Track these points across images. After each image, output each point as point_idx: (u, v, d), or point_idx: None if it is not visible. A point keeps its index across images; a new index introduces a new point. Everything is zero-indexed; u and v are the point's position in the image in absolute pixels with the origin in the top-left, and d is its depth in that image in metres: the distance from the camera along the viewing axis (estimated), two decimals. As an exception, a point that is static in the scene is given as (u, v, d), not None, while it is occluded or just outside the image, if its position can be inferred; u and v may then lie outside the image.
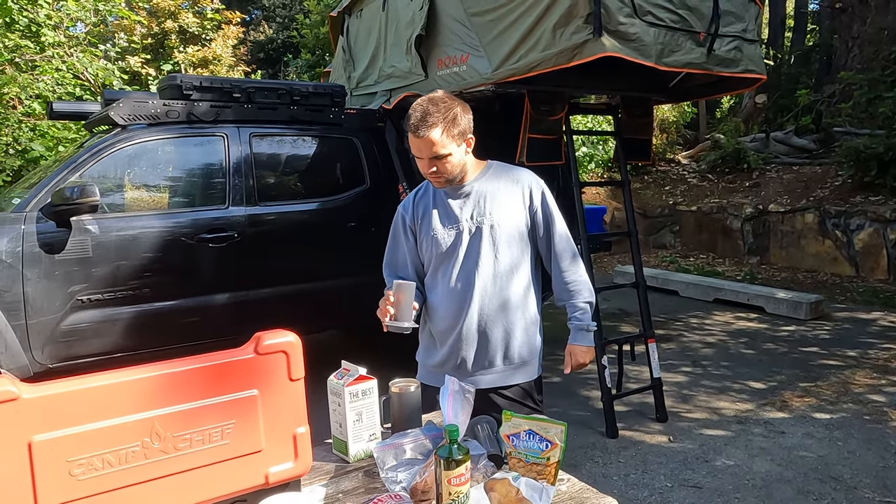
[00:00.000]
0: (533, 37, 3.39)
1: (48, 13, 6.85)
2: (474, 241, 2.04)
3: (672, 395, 4.45)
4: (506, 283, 2.06)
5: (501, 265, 2.05)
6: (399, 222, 2.18)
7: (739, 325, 6.29)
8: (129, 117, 3.76)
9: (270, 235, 4.04)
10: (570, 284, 2.14)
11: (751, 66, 3.55)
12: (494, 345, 2.08)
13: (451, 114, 1.93)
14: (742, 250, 9.22)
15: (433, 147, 1.91)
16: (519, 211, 2.07)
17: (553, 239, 2.12)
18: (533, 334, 2.14)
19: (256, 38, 16.51)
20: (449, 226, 2.06)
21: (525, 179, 2.11)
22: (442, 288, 2.09)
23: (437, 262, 2.08)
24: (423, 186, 2.18)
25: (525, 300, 2.11)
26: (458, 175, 2.01)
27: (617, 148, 4.24)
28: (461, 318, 2.06)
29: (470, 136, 2.00)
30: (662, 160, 11.59)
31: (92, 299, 3.52)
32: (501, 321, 2.07)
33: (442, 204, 2.08)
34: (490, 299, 2.05)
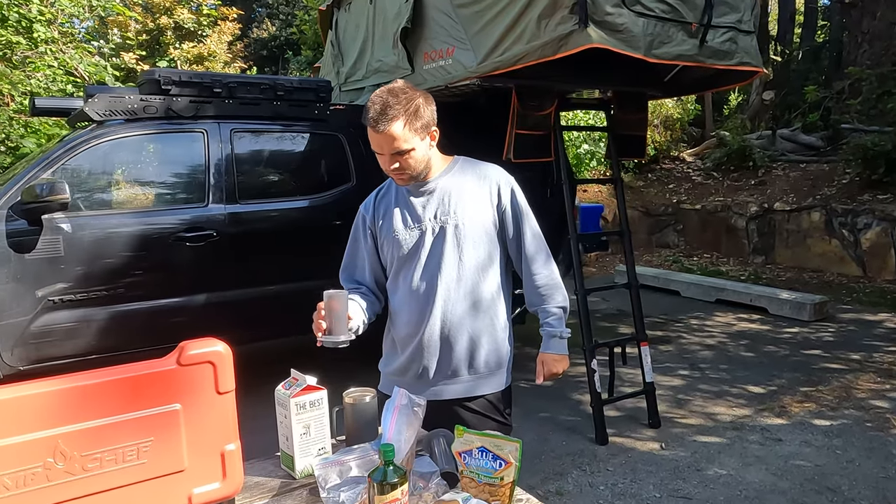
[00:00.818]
0: (518, 28, 3.26)
1: (40, 9, 6.77)
2: (438, 241, 1.92)
3: (666, 400, 4.31)
4: (471, 287, 1.94)
5: (466, 267, 1.93)
6: (359, 223, 2.05)
7: (741, 326, 6.13)
8: (105, 113, 3.66)
9: (251, 234, 3.93)
10: (541, 288, 2.01)
11: (746, 58, 3.40)
12: (459, 353, 1.95)
13: (412, 105, 1.78)
14: (747, 250, 9.04)
15: (394, 142, 1.78)
16: (486, 209, 1.94)
17: (523, 239, 1.99)
18: (502, 342, 2.01)
19: (259, 35, 16.44)
20: (411, 226, 1.93)
21: (493, 176, 1.98)
22: (403, 292, 1.97)
23: (399, 264, 1.96)
24: (385, 185, 2.05)
25: (493, 305, 1.98)
26: (422, 171, 1.88)
27: (609, 144, 4.10)
28: (423, 323, 1.93)
29: (434, 128, 1.87)
30: (666, 158, 11.42)
31: (64, 300, 3.42)
32: (466, 327, 1.94)
33: (404, 202, 1.96)
34: (454, 304, 1.93)
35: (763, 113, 12.02)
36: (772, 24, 15.86)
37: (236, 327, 3.92)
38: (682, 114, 11.72)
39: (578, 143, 9.76)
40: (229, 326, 3.88)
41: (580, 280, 3.79)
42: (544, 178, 4.93)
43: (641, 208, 10.16)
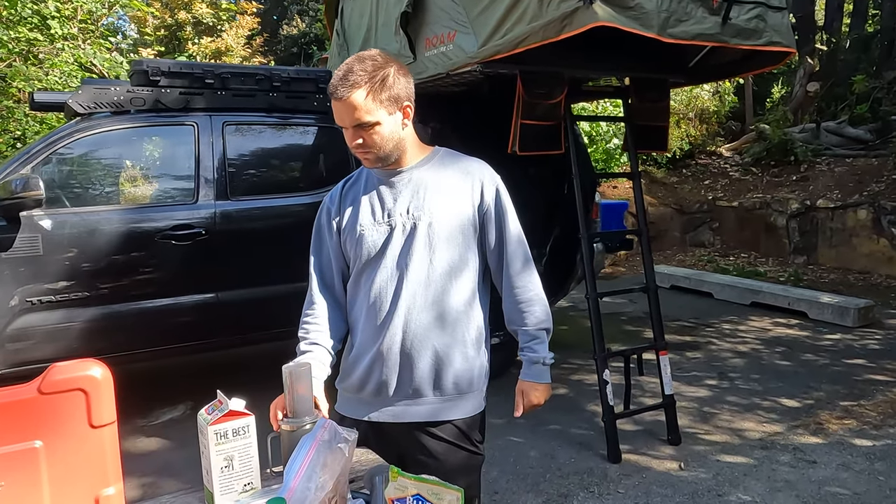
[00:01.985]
0: (519, 7, 2.97)
1: (57, 6, 6.73)
2: (408, 240, 1.66)
3: (690, 413, 3.97)
4: (440, 294, 1.68)
5: (437, 271, 1.67)
6: (322, 217, 1.79)
7: (777, 332, 5.72)
8: (90, 105, 3.50)
9: (243, 233, 3.74)
10: (522, 304, 1.75)
11: (776, 37, 3.04)
12: (422, 370, 1.69)
13: (380, 73, 1.56)
14: (787, 249, 8.53)
15: (355, 112, 1.54)
16: (465, 207, 1.69)
17: (505, 245, 1.73)
18: (474, 360, 1.74)
19: (290, 32, 16.38)
20: (379, 220, 1.68)
21: (476, 171, 1.73)
22: (363, 295, 1.71)
23: (363, 264, 1.70)
24: (356, 173, 1.80)
25: (465, 317, 1.72)
26: (391, 152, 1.63)
27: (627, 136, 3.78)
28: (381, 333, 1.68)
29: (408, 104, 1.63)
30: (702, 153, 10.92)
31: (43, 301, 3.27)
32: (432, 341, 1.68)
33: (374, 193, 1.70)
34: (419, 313, 1.67)
35: (807, 105, 11.41)
36: (818, 14, 15.12)
37: (226, 329, 3.74)
38: (720, 106, 11.20)
39: (608, 137, 9.36)
40: (218, 328, 3.71)
41: (592, 282, 3.49)
42: (562, 172, 4.62)
43: (675, 205, 9.72)
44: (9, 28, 6.48)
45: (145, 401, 4.10)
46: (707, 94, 10.92)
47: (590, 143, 9.27)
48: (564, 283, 4.75)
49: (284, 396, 1.49)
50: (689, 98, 10.71)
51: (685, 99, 10.69)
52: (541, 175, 4.41)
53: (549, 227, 4.57)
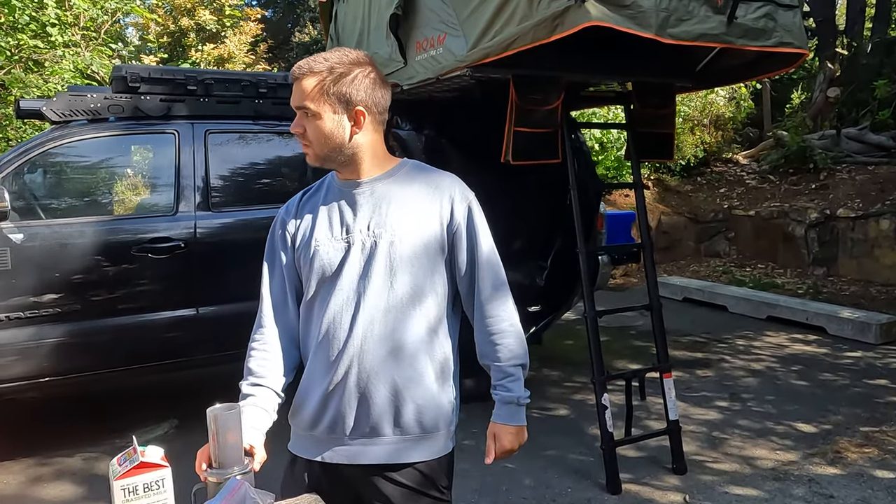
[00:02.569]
0: (509, 7, 2.79)
1: (57, 13, 6.66)
2: (367, 260, 1.48)
3: (698, 438, 3.73)
4: (401, 322, 1.49)
5: (398, 295, 1.48)
6: (277, 229, 1.62)
7: (794, 348, 5.44)
8: (65, 113, 3.36)
9: (225, 246, 3.58)
10: (494, 336, 1.56)
11: (787, 37, 2.82)
12: (380, 406, 1.49)
13: (343, 69, 1.45)
14: (806, 260, 8.22)
15: (300, 95, 1.44)
16: (432, 225, 1.51)
17: (477, 270, 1.55)
18: (438, 394, 1.54)
19: (301, 39, 16.36)
20: (337, 236, 1.50)
21: (446, 186, 1.55)
22: (316, 320, 1.52)
23: (317, 285, 1.52)
24: (317, 184, 1.63)
25: (430, 347, 1.53)
26: (330, 154, 1.48)
27: (629, 144, 3.57)
28: (335, 364, 1.49)
29: (361, 110, 1.47)
30: (717, 160, 10.62)
31: (11, 317, 3.13)
32: (390, 373, 1.48)
33: (333, 206, 1.54)
34: (376, 342, 1.48)
35: (827, 111, 11.07)
36: (839, 18, 14.77)
37: (206, 346, 3.58)
38: (735, 112, 10.91)
39: (620, 144, 9.11)
40: (198, 345, 3.55)
41: (590, 300, 3.28)
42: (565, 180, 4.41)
43: (689, 214, 9.44)
44: (8, 35, 6.42)
45: (126, 418, 3.95)
46: (722, 99, 10.63)
47: (600, 151, 9.04)
48: (568, 298, 4.54)
49: (210, 444, 1.30)
50: (704, 104, 10.43)
51: (700, 105, 10.42)
52: (542, 183, 4.21)
53: (551, 239, 4.36)
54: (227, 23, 10.55)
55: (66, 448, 3.64)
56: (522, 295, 3.09)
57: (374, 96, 1.48)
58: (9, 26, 6.62)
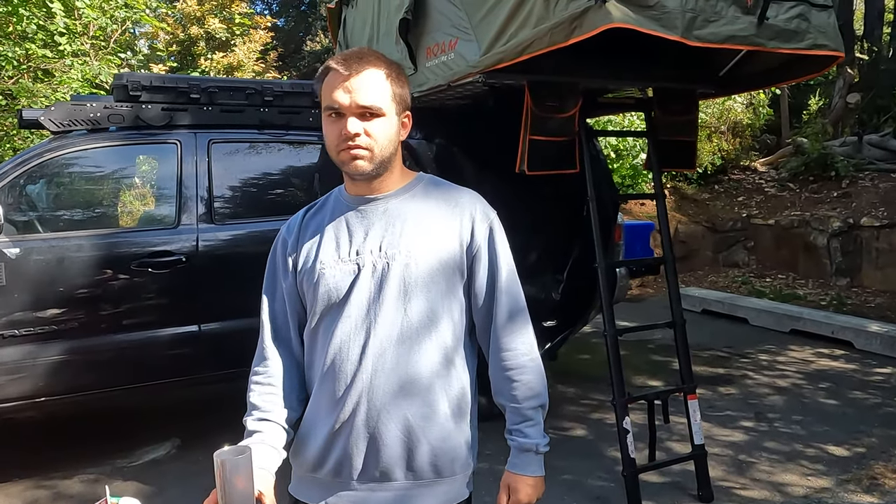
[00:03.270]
0: (524, 9, 2.64)
1: (66, 21, 6.61)
2: (378, 284, 1.32)
3: (724, 462, 3.54)
4: (416, 353, 1.33)
5: (413, 323, 1.33)
6: (277, 252, 1.47)
7: (820, 364, 5.23)
8: (64, 123, 3.25)
9: (228, 260, 3.45)
10: (511, 372, 1.40)
11: (821, 39, 2.65)
12: (391, 447, 1.33)
13: (396, 67, 1.35)
14: (828, 271, 7.99)
15: (366, 92, 1.26)
16: (450, 247, 1.36)
17: (496, 297, 1.39)
18: (455, 434, 1.38)
19: (313, 48, 16.33)
20: (345, 257, 1.35)
21: (466, 204, 1.40)
22: (320, 351, 1.37)
23: (322, 312, 1.36)
24: (321, 200, 1.48)
25: (446, 381, 1.37)
26: (386, 161, 1.33)
27: (650, 152, 3.40)
28: (342, 400, 1.33)
29: (408, 113, 1.37)
30: (735, 168, 10.41)
31: (5, 335, 3.01)
32: (403, 411, 1.33)
33: (341, 223, 1.38)
34: (388, 376, 1.32)
35: (847, 117, 10.85)
36: (857, 23, 14.53)
37: (209, 364, 3.45)
38: (754, 119, 10.70)
39: (636, 152, 8.94)
40: (201, 363, 3.42)
41: (609, 317, 3.11)
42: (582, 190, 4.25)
43: (707, 223, 9.24)
44: (16, 45, 6.37)
45: (128, 438, 3.82)
46: (740, 105, 10.43)
47: (616, 159, 8.86)
48: (584, 312, 4.36)
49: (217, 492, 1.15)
50: (721, 110, 10.23)
51: (717, 111, 10.22)
52: (558, 193, 4.05)
53: (567, 251, 4.19)
54: (237, 31, 10.50)
55: (64, 469, 3.51)
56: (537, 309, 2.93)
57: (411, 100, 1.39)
58: (17, 35, 6.57)
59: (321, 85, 1.33)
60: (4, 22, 6.59)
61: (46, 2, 6.47)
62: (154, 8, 8.59)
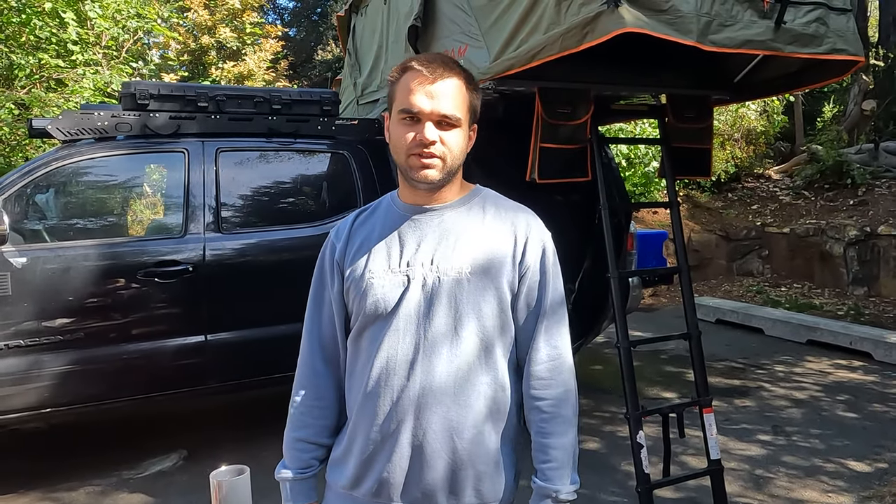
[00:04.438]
0: (535, 14, 2.59)
1: (78, 31, 6.64)
2: (429, 298, 1.27)
3: (741, 478, 3.45)
4: (466, 372, 1.27)
5: (464, 344, 1.27)
6: (326, 256, 1.40)
7: (838, 376, 5.12)
8: (72, 132, 3.24)
9: (235, 269, 3.40)
10: (543, 403, 1.32)
11: (841, 43, 2.58)
12: (436, 469, 1.27)
13: (474, 80, 1.31)
14: (845, 280, 7.86)
15: (449, 100, 1.22)
16: (504, 266, 1.30)
17: (539, 321, 1.33)
18: (500, 458, 1.32)
19: (324, 57, 16.39)
20: (395, 268, 1.29)
21: (522, 223, 1.34)
22: (364, 362, 1.31)
23: (365, 322, 1.30)
24: (372, 205, 1.42)
25: (493, 402, 1.31)
26: (456, 170, 1.29)
27: (663, 160, 3.34)
28: (388, 416, 1.27)
29: (475, 125, 1.34)
30: (749, 176, 10.30)
31: (11, 346, 2.98)
32: (450, 431, 1.26)
33: (393, 232, 1.32)
34: (439, 394, 1.26)
35: (863, 124, 10.71)
36: (871, 30, 14.38)
37: (216, 375, 3.40)
38: (767, 126, 10.58)
39: (648, 160, 8.86)
40: (207, 374, 3.38)
41: (623, 329, 3.03)
42: (593, 198, 4.19)
43: (720, 232, 9.13)
44: (29, 54, 6.41)
45: (134, 449, 3.78)
46: (754, 113, 10.33)
47: (627, 167, 8.79)
48: (595, 323, 4.29)
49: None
50: (735, 118, 10.14)
51: (730, 118, 10.13)
52: (569, 202, 4.00)
53: (578, 260, 4.13)
54: (248, 41, 10.54)
55: (70, 481, 3.47)
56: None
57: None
58: (31, 45, 6.61)
59: (396, 84, 1.27)
60: (18, 32, 6.64)
61: (59, 12, 6.52)
62: (166, 18, 8.68)
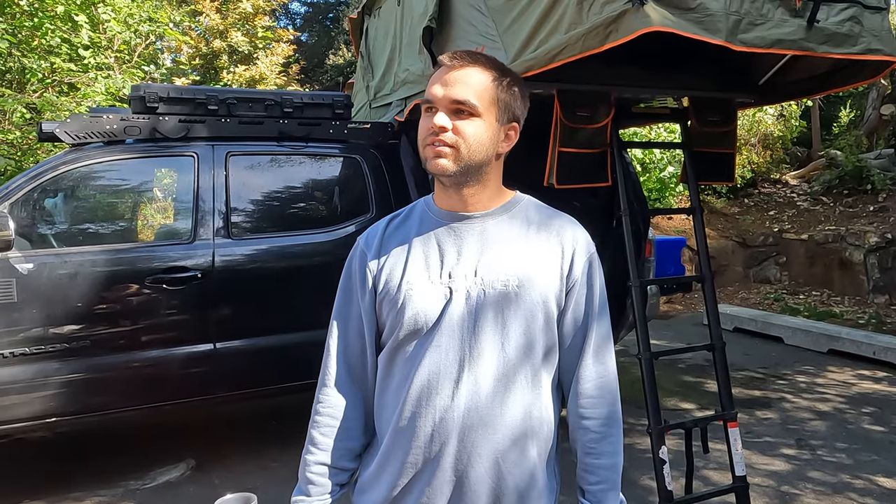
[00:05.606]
0: (555, 13, 2.50)
1: (90, 35, 6.63)
2: (474, 312, 1.18)
3: (766, 494, 3.33)
4: (512, 392, 1.19)
5: (510, 359, 1.19)
6: (355, 265, 1.30)
7: (862, 387, 4.97)
8: (80, 135, 3.18)
9: (245, 276, 3.33)
10: (593, 423, 1.25)
11: (875, 43, 2.47)
12: (478, 493, 1.19)
13: (512, 76, 1.24)
14: (865, 288, 7.70)
15: (463, 87, 1.16)
16: (551, 278, 1.22)
17: (587, 337, 1.25)
18: (542, 481, 1.25)
19: (335, 62, 16.37)
20: (435, 280, 1.20)
21: (569, 233, 1.26)
22: (400, 380, 1.22)
23: (402, 337, 1.21)
24: (405, 210, 1.33)
25: (538, 422, 1.23)
26: (474, 166, 1.19)
27: (685, 165, 3.23)
28: (428, 438, 1.18)
29: (515, 125, 1.23)
30: (766, 181, 10.15)
31: (16, 353, 2.91)
32: (495, 455, 1.19)
33: (431, 240, 1.24)
34: (482, 415, 1.17)
35: (881, 129, 10.55)
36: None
37: (224, 384, 3.33)
38: (784, 131, 10.44)
39: (663, 165, 8.74)
40: (216, 383, 3.31)
41: (645, 339, 2.93)
42: (611, 203, 4.09)
43: (737, 238, 8.99)
44: (41, 58, 6.39)
45: (142, 458, 3.70)
46: (771, 117, 10.19)
47: (642, 172, 8.67)
48: (614, 332, 4.18)
49: None
50: (751, 122, 10.00)
51: (747, 123, 9.99)
52: (587, 208, 3.89)
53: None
54: (260, 44, 10.53)
55: (77, 490, 3.40)
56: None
57: (524, 115, 1.27)
58: (43, 49, 6.60)
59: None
60: (30, 36, 6.63)
61: (72, 15, 6.51)
62: (178, 22, 8.67)
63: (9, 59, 6.23)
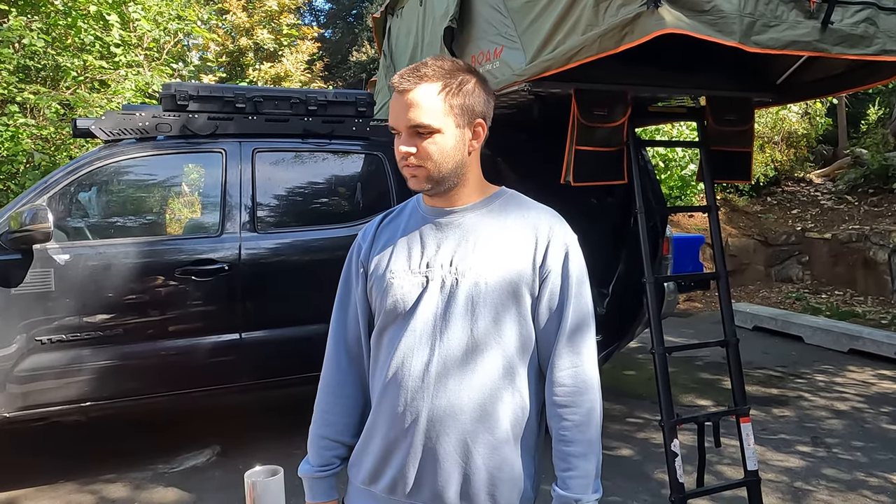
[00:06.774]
0: (572, 15, 2.57)
1: (121, 34, 6.81)
2: (446, 300, 1.27)
3: (779, 489, 3.36)
4: (479, 374, 1.26)
5: (477, 343, 1.26)
6: (352, 257, 1.43)
7: (882, 387, 4.96)
8: (114, 131, 3.31)
9: (270, 269, 3.44)
10: (563, 410, 1.28)
11: (890, 44, 2.49)
12: (447, 469, 1.26)
13: (461, 77, 1.27)
14: (889, 288, 7.63)
15: (415, 111, 1.22)
16: (521, 268, 1.28)
17: (560, 326, 1.30)
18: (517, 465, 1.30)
19: (359, 59, 16.51)
20: (415, 269, 1.30)
21: (544, 223, 1.32)
22: (383, 360, 1.32)
23: (385, 321, 1.32)
24: (398, 208, 1.44)
25: (509, 405, 1.29)
26: (448, 176, 1.27)
27: (702, 163, 3.27)
28: (402, 414, 1.27)
29: (481, 121, 1.29)
30: (789, 179, 10.07)
31: (54, 340, 3.06)
32: (462, 432, 1.26)
33: (415, 234, 1.34)
34: (451, 394, 1.25)
35: (909, 127, 10.38)
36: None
37: (250, 372, 3.45)
38: (809, 129, 10.33)
39: (684, 163, 8.71)
40: (242, 371, 3.43)
41: (658, 335, 2.98)
42: (628, 201, 4.13)
43: (759, 237, 8.94)
44: (74, 56, 6.58)
45: (170, 443, 3.85)
46: (795, 115, 10.09)
47: (664, 169, 8.66)
48: (629, 328, 4.23)
49: None
50: (775, 120, 9.91)
51: (770, 121, 9.91)
52: (604, 205, 3.95)
53: (612, 264, 4.07)
54: (285, 42, 10.69)
55: (107, 472, 3.55)
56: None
57: (489, 107, 1.32)
58: (76, 48, 6.79)
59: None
60: (64, 34, 6.83)
61: (104, 14, 6.69)
62: (206, 20, 8.85)
63: (44, 57, 6.42)
